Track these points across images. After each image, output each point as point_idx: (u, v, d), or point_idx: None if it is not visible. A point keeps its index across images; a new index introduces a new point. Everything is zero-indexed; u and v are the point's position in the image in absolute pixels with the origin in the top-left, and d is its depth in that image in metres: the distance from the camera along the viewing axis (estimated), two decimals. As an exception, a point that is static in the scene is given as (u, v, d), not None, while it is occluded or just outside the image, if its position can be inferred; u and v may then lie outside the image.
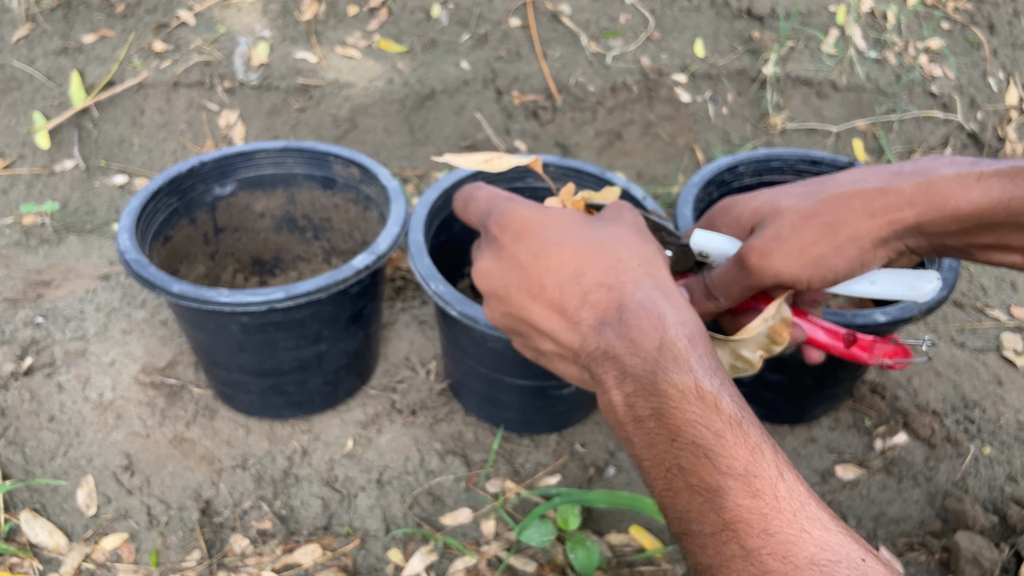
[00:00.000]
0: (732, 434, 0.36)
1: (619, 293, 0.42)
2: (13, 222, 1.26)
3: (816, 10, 1.53)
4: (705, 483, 0.35)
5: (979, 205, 0.46)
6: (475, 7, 1.46)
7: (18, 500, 0.85)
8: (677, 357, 0.39)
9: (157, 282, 0.74)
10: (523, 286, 0.45)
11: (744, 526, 0.33)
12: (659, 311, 0.41)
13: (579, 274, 0.43)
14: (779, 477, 0.35)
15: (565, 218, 0.47)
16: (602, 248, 0.44)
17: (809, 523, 0.33)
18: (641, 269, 0.44)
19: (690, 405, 0.37)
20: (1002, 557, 0.81)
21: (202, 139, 1.36)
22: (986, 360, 1.09)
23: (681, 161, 1.46)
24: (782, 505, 0.34)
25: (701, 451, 0.36)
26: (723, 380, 0.39)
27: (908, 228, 0.49)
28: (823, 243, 0.50)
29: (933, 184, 0.48)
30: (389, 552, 0.83)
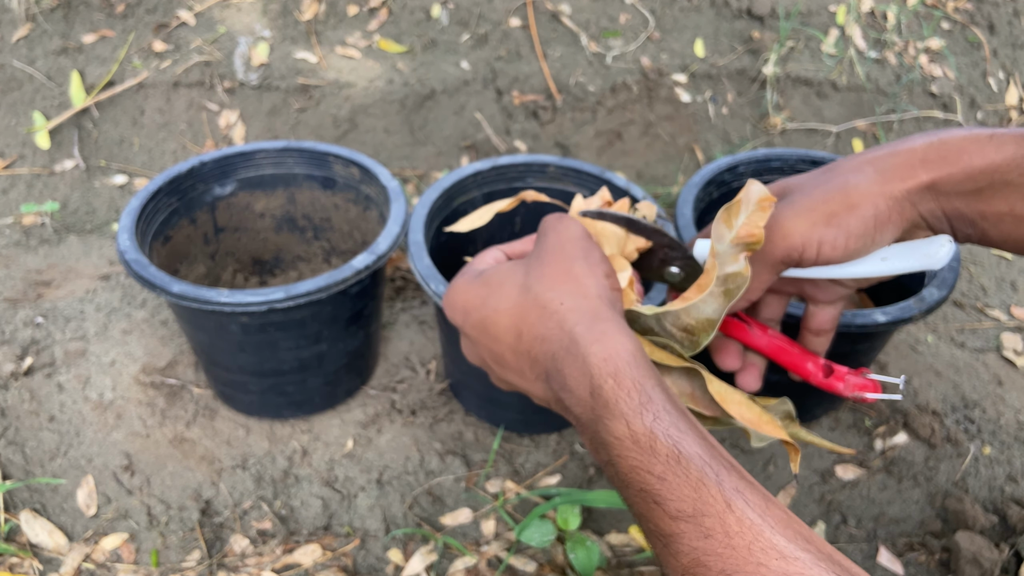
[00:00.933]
0: (673, 474, 0.36)
1: (551, 343, 0.43)
2: (13, 222, 1.26)
3: (816, 10, 1.53)
4: (660, 529, 0.35)
5: (992, 161, 0.46)
6: (475, 7, 1.46)
7: (18, 500, 0.85)
8: (607, 402, 0.39)
9: (157, 282, 0.74)
10: (490, 356, 0.48)
11: (703, 569, 0.33)
12: (583, 352, 0.41)
13: (518, 335, 0.45)
14: (727, 510, 0.34)
15: (497, 277, 0.48)
16: (531, 299, 0.45)
17: (764, 555, 0.33)
18: (565, 307, 0.44)
19: (628, 451, 0.37)
20: (1002, 557, 0.81)
21: (202, 139, 1.36)
22: (986, 360, 1.09)
23: (681, 161, 1.46)
24: (734, 541, 0.33)
25: (650, 497, 0.36)
26: (656, 413, 0.38)
27: (922, 188, 0.48)
28: (835, 201, 0.49)
29: (945, 143, 0.47)
30: (389, 552, 0.83)
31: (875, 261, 0.50)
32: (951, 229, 0.51)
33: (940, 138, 0.48)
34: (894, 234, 0.50)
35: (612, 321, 0.43)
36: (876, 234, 0.49)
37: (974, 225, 0.49)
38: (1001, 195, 0.47)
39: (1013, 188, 0.46)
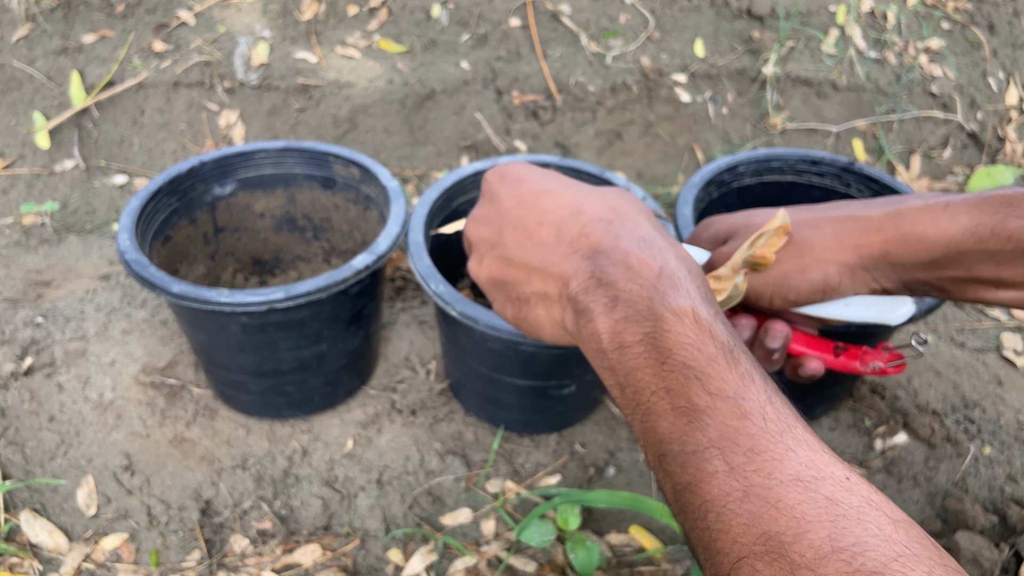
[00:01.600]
0: (724, 359, 0.36)
1: (618, 226, 0.43)
2: (13, 222, 1.26)
3: (816, 10, 1.53)
4: (693, 404, 0.35)
5: (946, 232, 0.47)
6: (475, 7, 1.46)
7: (18, 500, 0.85)
8: (677, 284, 0.39)
9: (157, 282, 0.74)
10: (519, 224, 0.45)
11: (730, 444, 0.33)
12: (659, 244, 0.42)
13: (579, 210, 0.44)
14: (767, 401, 0.35)
15: (563, 176, 0.48)
16: (602, 195, 0.45)
17: (795, 443, 0.33)
18: (641, 216, 0.44)
19: (685, 328, 0.37)
20: (1002, 557, 0.81)
21: (202, 139, 1.36)
22: (986, 360, 1.09)
23: (681, 161, 1.46)
24: (769, 426, 0.34)
25: (692, 372, 0.36)
26: (718, 311, 0.39)
27: (875, 257, 0.49)
28: (788, 262, 0.51)
29: (901, 213, 0.49)
30: (389, 552, 0.83)
31: (839, 306, 0.52)
32: (908, 291, 0.52)
33: (896, 208, 0.49)
34: (846, 293, 0.51)
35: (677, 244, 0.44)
36: (825, 295, 0.51)
37: (935, 288, 0.50)
38: (959, 263, 0.48)
39: (969, 255, 0.47)
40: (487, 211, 0.48)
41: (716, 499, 0.32)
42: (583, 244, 0.42)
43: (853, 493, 0.31)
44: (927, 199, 0.49)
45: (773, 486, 0.31)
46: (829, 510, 0.30)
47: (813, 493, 0.31)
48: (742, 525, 0.31)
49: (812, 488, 0.31)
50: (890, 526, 0.30)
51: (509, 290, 0.47)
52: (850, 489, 0.31)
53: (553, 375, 0.84)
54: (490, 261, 0.47)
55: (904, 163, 1.51)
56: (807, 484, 0.31)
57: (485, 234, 0.47)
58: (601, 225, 0.43)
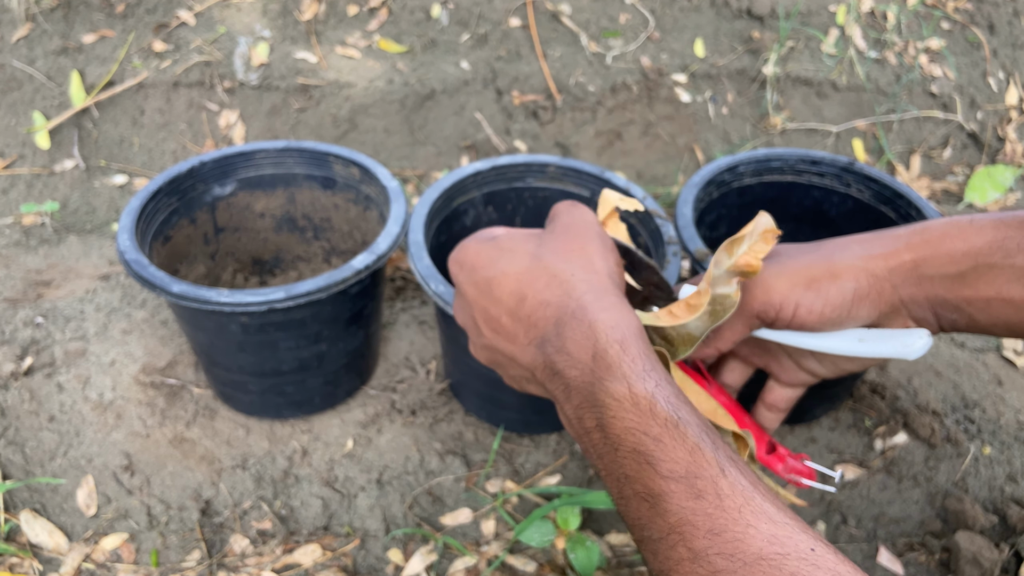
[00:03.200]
0: (670, 437, 0.36)
1: (555, 308, 0.43)
2: (13, 222, 1.26)
3: (816, 10, 1.53)
4: (649, 489, 0.35)
5: (973, 244, 0.47)
6: (475, 7, 1.46)
7: (18, 500, 0.85)
8: (610, 365, 0.39)
9: (157, 282, 0.74)
10: (485, 315, 0.48)
11: (690, 528, 0.33)
12: (590, 318, 0.42)
13: (522, 297, 0.45)
14: (720, 474, 0.35)
15: (510, 243, 0.48)
16: (541, 267, 0.46)
17: (755, 518, 0.33)
18: (575, 278, 0.45)
19: (626, 413, 0.37)
20: (1002, 557, 0.81)
21: (202, 139, 1.36)
22: (986, 360, 1.09)
23: (681, 161, 1.46)
24: (725, 503, 0.33)
25: (642, 458, 0.36)
26: (658, 381, 0.39)
27: (905, 269, 0.49)
28: (818, 268, 0.50)
29: (927, 228, 0.49)
30: (389, 552, 0.83)
31: (851, 340, 0.51)
32: (934, 316, 0.51)
33: (923, 225, 0.49)
34: (870, 313, 0.50)
35: (619, 297, 0.44)
36: (853, 307, 0.50)
37: (959, 311, 0.49)
38: (985, 279, 0.47)
39: (997, 271, 0.47)
40: (460, 302, 0.51)
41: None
42: (534, 334, 0.44)
43: (819, 568, 0.31)
44: (951, 218, 0.49)
45: (737, 568, 0.31)
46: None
47: (778, 571, 0.31)
48: None
49: (777, 565, 0.31)
50: None
51: (502, 371, 0.50)
52: (815, 563, 0.31)
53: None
54: (478, 349, 0.50)
55: (904, 163, 1.51)
56: (771, 562, 0.31)
57: (467, 324, 0.51)
58: (541, 311, 0.44)
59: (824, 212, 0.99)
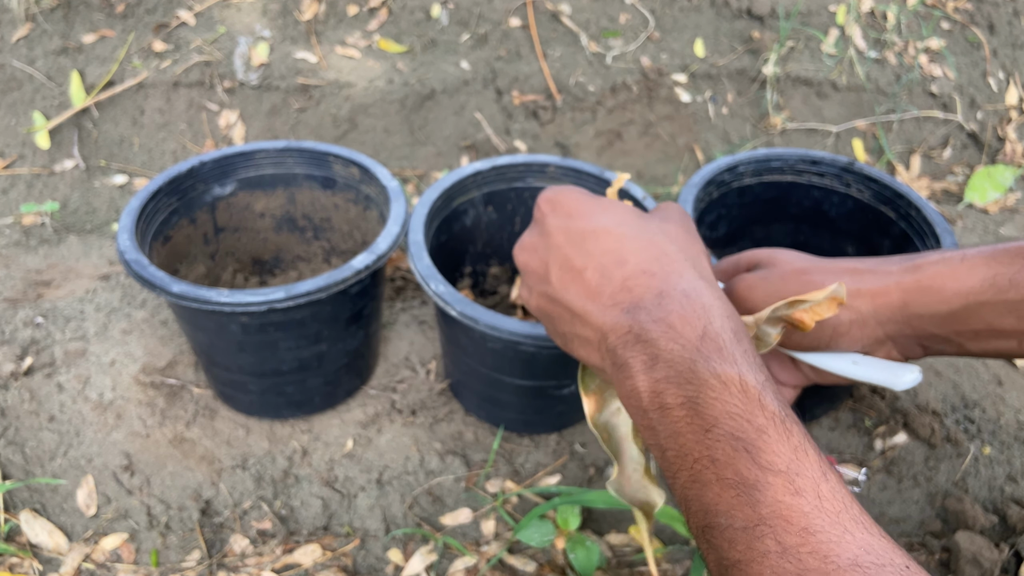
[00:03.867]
0: (775, 431, 0.34)
1: (661, 280, 0.42)
2: (13, 222, 1.26)
3: (816, 10, 1.53)
4: (742, 477, 0.34)
5: (964, 283, 0.47)
6: (475, 7, 1.46)
7: (18, 500, 0.85)
8: (721, 348, 0.38)
9: (157, 282, 0.74)
10: (564, 265, 0.45)
11: (783, 522, 0.32)
12: (704, 301, 0.40)
13: (623, 260, 0.43)
14: (823, 478, 0.33)
15: (616, 207, 0.47)
16: (649, 240, 0.44)
17: (853, 524, 0.32)
18: (687, 263, 0.43)
19: (732, 397, 0.36)
20: (1002, 557, 0.81)
21: (202, 139, 1.36)
22: (986, 360, 1.09)
23: (681, 161, 1.46)
24: (824, 505, 0.32)
25: (741, 444, 0.34)
26: (767, 377, 0.38)
27: (893, 308, 0.49)
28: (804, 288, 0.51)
29: (919, 267, 0.49)
30: (389, 552, 0.83)
31: (846, 362, 0.51)
32: (921, 347, 0.51)
33: (914, 263, 0.49)
34: (852, 346, 0.51)
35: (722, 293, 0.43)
36: (831, 342, 0.50)
37: (948, 342, 0.50)
38: (977, 315, 0.48)
39: (989, 307, 0.47)
40: (536, 241, 0.48)
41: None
42: (624, 298, 0.42)
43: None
44: (943, 253, 0.49)
45: (830, 571, 0.30)
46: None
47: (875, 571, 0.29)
48: None
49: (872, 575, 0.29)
50: None
51: (554, 324, 0.47)
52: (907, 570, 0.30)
53: (553, 375, 0.84)
54: (537, 295, 0.48)
55: (904, 163, 1.51)
56: (866, 570, 0.30)
57: (533, 265, 0.48)
58: (643, 279, 0.42)
59: (824, 212, 0.99)
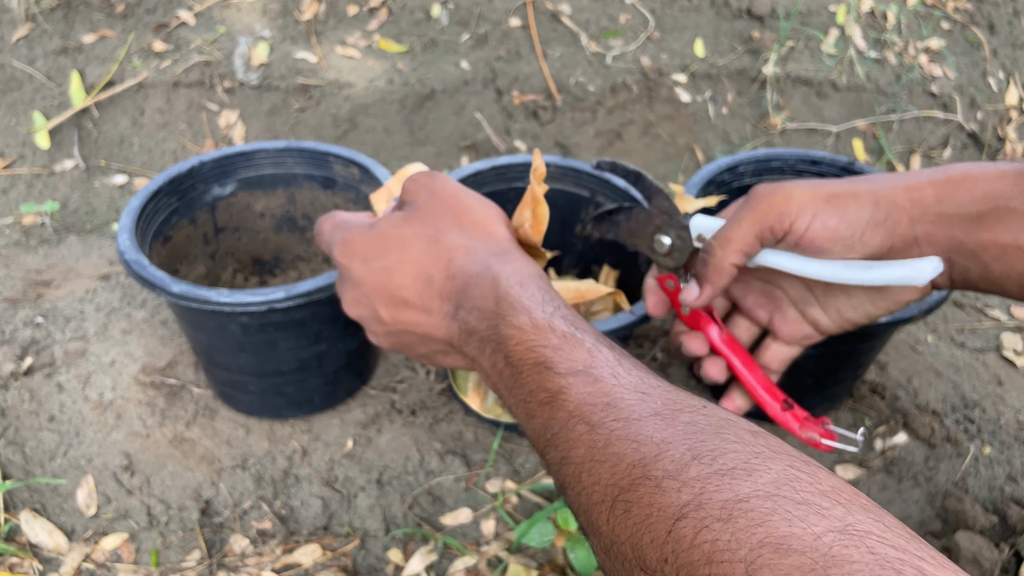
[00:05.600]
0: (568, 344, 0.38)
1: (461, 278, 0.46)
2: (13, 222, 1.26)
3: (816, 10, 1.53)
4: (549, 390, 0.37)
5: (994, 187, 0.47)
6: (475, 7, 1.46)
7: (18, 500, 0.85)
8: (512, 303, 0.42)
9: (157, 282, 0.74)
10: (389, 304, 0.49)
11: (588, 407, 0.35)
12: (492, 273, 0.44)
13: (429, 279, 0.47)
14: (617, 364, 0.37)
15: (396, 229, 0.49)
16: (440, 247, 0.48)
17: (651, 389, 0.35)
18: (476, 247, 0.47)
19: (526, 336, 0.39)
20: (1002, 557, 0.81)
21: (202, 139, 1.36)
22: (986, 360, 1.09)
23: (681, 161, 1.46)
24: (622, 381, 0.35)
25: (541, 367, 0.38)
26: (556, 307, 0.41)
27: (926, 204, 0.49)
28: (840, 187, 0.51)
29: (950, 169, 0.49)
30: (389, 552, 0.83)
31: (859, 268, 0.50)
32: (948, 263, 0.51)
33: (946, 167, 0.50)
34: (883, 243, 0.50)
35: (519, 252, 0.48)
36: (867, 231, 0.49)
37: (975, 258, 0.49)
38: (1004, 224, 0.48)
39: (1017, 216, 0.47)
40: (355, 294, 0.51)
41: (584, 458, 0.33)
42: (447, 308, 0.46)
43: (711, 416, 0.32)
44: (975, 163, 0.50)
45: (632, 425, 0.32)
46: (687, 430, 0.31)
47: (672, 421, 0.32)
48: (609, 469, 0.32)
49: (670, 418, 0.32)
50: (748, 435, 0.31)
51: (413, 351, 0.51)
52: (707, 413, 0.33)
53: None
54: (384, 337, 0.51)
55: (904, 163, 1.51)
56: (665, 416, 0.32)
57: (366, 315, 0.51)
58: (449, 283, 0.46)
59: (824, 212, 0.99)
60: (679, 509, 0.28)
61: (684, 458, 0.29)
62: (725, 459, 0.29)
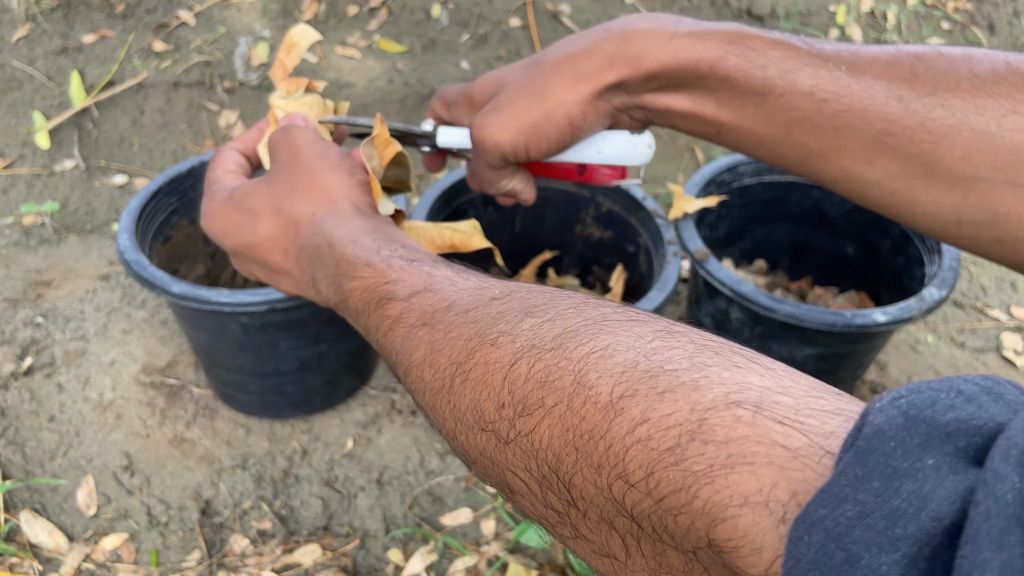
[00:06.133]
0: (407, 274, 0.40)
1: (311, 248, 0.48)
2: (13, 222, 1.26)
3: (816, 10, 1.53)
4: (392, 316, 0.38)
5: (668, 64, 0.48)
6: (475, 7, 1.46)
7: (18, 500, 0.85)
8: (350, 261, 0.44)
9: (157, 282, 0.74)
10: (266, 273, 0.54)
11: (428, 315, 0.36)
12: (328, 240, 0.47)
13: (284, 250, 0.51)
14: (456, 274, 0.39)
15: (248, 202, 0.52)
16: (283, 219, 0.51)
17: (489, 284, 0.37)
18: (317, 216, 0.50)
19: (367, 283, 0.41)
20: (1002, 557, 0.81)
21: (202, 139, 1.36)
22: (986, 360, 1.09)
23: (681, 161, 1.46)
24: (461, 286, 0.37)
25: (383, 301, 0.40)
26: (393, 249, 0.43)
27: (610, 87, 0.51)
28: (534, 110, 0.53)
29: (629, 42, 0.50)
30: (389, 552, 0.83)
31: (592, 151, 0.57)
32: (646, 119, 0.55)
33: (626, 36, 0.50)
34: (595, 129, 0.54)
35: (355, 212, 0.49)
36: (573, 135, 0.53)
37: (663, 117, 0.53)
38: (683, 92, 0.50)
39: (693, 87, 0.49)
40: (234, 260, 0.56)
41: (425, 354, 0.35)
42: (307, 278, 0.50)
43: (544, 289, 0.34)
44: (658, 24, 0.50)
45: (471, 312, 0.34)
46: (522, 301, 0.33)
47: (508, 300, 0.34)
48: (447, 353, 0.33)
49: (506, 298, 0.34)
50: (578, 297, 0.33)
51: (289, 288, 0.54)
52: (540, 290, 0.34)
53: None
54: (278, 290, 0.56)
55: (904, 163, 1.51)
56: (501, 297, 0.34)
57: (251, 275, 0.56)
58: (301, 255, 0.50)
59: (824, 212, 0.99)
60: (514, 355, 0.29)
61: (518, 318, 0.31)
62: (556, 310, 0.31)
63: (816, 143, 0.45)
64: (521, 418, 0.28)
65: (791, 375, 0.24)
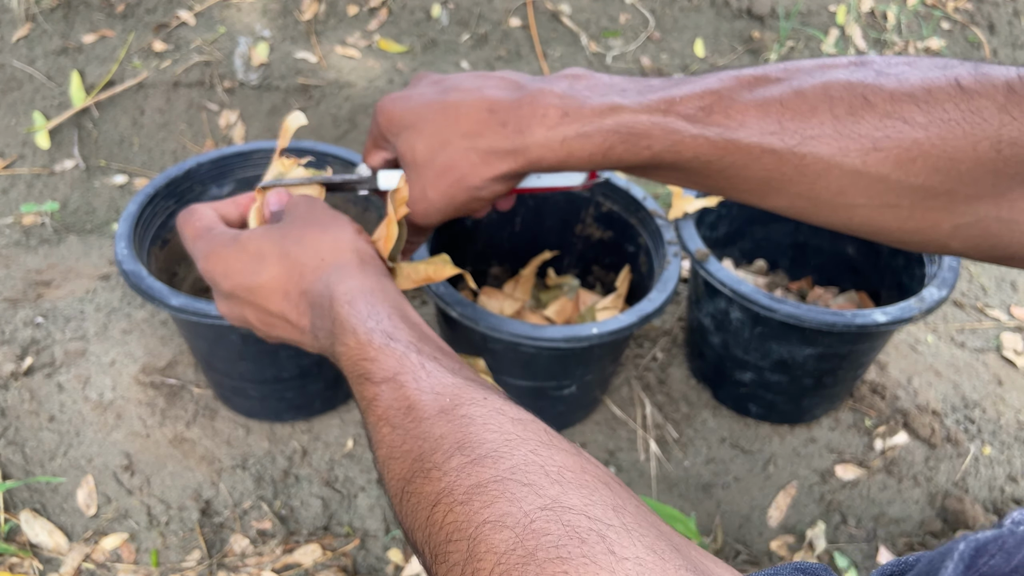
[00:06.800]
0: (383, 354, 0.42)
1: (313, 295, 0.50)
2: (13, 222, 1.26)
3: (816, 10, 1.53)
4: (367, 399, 0.41)
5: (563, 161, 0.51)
6: (475, 7, 1.46)
7: (18, 500, 0.85)
8: (342, 323, 0.46)
9: (155, 295, 0.74)
10: (258, 318, 0.54)
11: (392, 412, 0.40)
12: (330, 293, 0.48)
13: (286, 294, 0.51)
14: (421, 367, 0.41)
15: (256, 245, 0.53)
16: (291, 262, 0.52)
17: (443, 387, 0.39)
18: (324, 262, 0.51)
19: (353, 352, 0.44)
20: (1002, 557, 0.81)
21: (202, 139, 1.36)
22: (986, 360, 1.09)
23: (681, 161, 1.47)
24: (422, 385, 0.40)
25: (362, 378, 0.42)
26: (378, 321, 0.45)
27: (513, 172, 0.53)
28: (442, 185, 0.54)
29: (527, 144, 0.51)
30: (389, 552, 0.83)
31: (531, 178, 0.58)
32: None
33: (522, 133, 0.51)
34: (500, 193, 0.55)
35: (358, 266, 0.51)
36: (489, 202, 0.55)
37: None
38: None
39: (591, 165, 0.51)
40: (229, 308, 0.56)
41: (386, 456, 0.38)
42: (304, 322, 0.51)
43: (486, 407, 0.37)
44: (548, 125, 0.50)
45: (422, 424, 0.37)
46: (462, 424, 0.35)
47: (452, 417, 0.36)
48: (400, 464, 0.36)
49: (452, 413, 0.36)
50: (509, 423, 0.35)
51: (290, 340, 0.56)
52: (484, 405, 0.37)
53: (553, 376, 0.84)
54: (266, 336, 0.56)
55: (904, 163, 1.51)
56: (448, 412, 0.37)
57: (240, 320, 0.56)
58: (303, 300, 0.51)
59: (824, 212, 0.99)
60: (436, 496, 0.33)
61: (451, 450, 0.34)
62: (482, 448, 0.34)
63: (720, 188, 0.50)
64: (435, 564, 0.32)
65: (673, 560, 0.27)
